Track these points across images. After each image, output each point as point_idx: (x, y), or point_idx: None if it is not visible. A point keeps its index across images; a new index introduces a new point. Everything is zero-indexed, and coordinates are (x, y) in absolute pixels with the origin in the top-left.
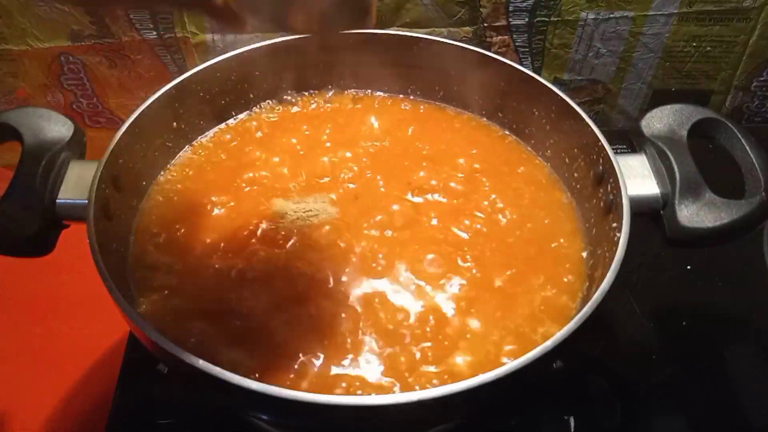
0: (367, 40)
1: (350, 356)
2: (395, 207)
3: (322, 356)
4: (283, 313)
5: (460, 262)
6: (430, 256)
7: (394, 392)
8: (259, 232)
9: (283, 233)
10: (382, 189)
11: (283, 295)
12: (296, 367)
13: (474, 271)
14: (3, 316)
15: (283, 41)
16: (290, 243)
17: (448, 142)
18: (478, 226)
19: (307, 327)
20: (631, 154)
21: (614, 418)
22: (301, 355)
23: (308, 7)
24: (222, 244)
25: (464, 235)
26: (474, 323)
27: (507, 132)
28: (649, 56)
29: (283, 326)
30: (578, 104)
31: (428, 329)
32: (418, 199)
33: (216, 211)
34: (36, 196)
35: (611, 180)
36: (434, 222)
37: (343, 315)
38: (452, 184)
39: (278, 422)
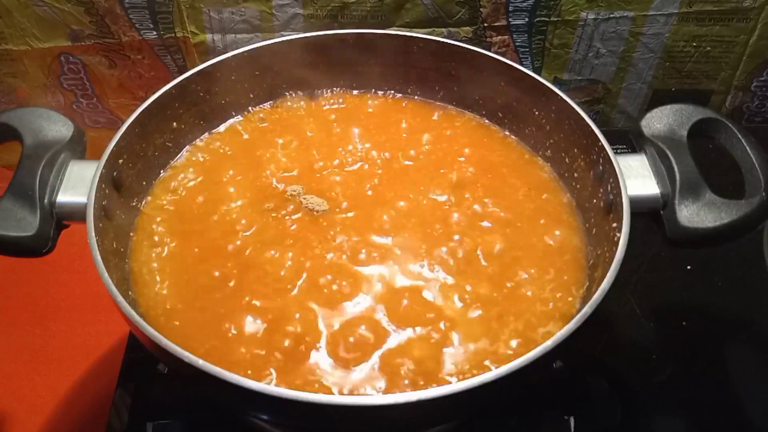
0: (367, 40)
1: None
2: (394, 207)
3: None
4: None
5: (458, 262)
6: (428, 255)
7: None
8: (258, 230)
9: (283, 232)
10: (382, 189)
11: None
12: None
13: (473, 271)
14: (3, 316)
15: (282, 41)
16: (290, 243)
17: (448, 142)
18: (478, 226)
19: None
20: (631, 154)
21: (614, 418)
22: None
23: None
24: (222, 244)
25: (462, 237)
26: (474, 322)
27: (507, 132)
28: (649, 56)
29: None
30: (578, 104)
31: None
32: (417, 199)
33: (216, 211)
34: (36, 196)
35: (611, 180)
36: (434, 221)
37: (335, 319)
38: (452, 185)
39: (278, 422)
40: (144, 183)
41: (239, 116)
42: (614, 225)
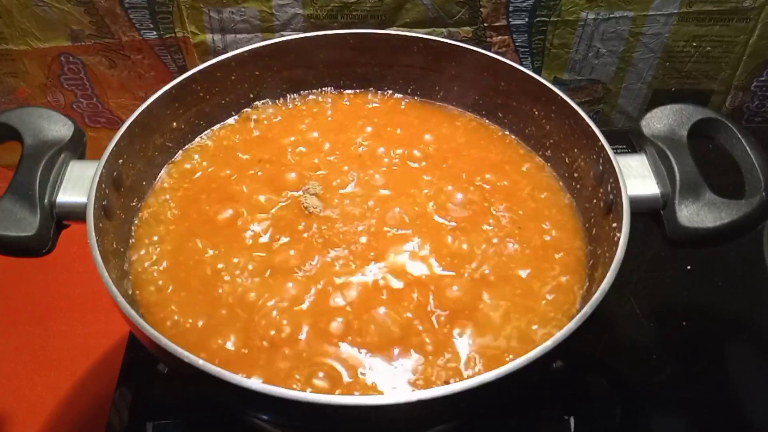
0: (367, 40)
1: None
2: (395, 207)
3: None
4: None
5: (458, 262)
6: (428, 254)
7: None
8: (258, 231)
9: (283, 231)
10: (382, 190)
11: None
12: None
13: (473, 271)
14: (3, 316)
15: (282, 41)
16: (291, 243)
17: (448, 142)
18: (479, 225)
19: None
20: (631, 154)
21: (614, 418)
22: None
23: None
24: (221, 244)
25: (463, 237)
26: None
27: (507, 132)
28: (649, 56)
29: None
30: (578, 104)
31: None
32: (418, 199)
33: (215, 211)
34: (36, 196)
35: (611, 180)
36: (433, 222)
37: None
38: (451, 184)
39: (278, 422)
40: (144, 183)
41: (239, 116)
42: (614, 225)
